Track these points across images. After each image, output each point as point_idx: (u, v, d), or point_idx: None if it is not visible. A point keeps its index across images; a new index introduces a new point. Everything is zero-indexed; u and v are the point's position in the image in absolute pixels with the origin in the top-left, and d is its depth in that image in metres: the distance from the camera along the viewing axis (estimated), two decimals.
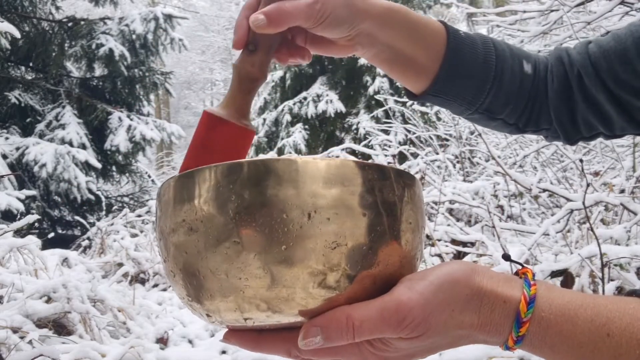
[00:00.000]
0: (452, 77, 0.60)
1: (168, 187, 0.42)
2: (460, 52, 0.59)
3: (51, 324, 2.11)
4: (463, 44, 0.59)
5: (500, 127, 0.67)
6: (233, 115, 0.52)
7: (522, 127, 0.66)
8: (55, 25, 6.68)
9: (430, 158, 4.45)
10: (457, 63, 0.59)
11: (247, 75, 0.52)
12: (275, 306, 0.39)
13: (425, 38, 0.58)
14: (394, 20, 0.56)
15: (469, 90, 0.61)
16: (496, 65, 0.61)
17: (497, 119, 0.64)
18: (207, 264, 0.39)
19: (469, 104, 0.62)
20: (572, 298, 0.40)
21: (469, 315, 0.40)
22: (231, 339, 0.43)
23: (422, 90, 0.61)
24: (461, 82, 0.60)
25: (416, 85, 0.61)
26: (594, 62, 0.61)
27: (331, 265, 0.38)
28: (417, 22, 0.57)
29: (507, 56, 0.62)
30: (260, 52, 0.52)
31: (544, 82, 0.64)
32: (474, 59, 0.60)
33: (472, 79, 0.60)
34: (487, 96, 0.61)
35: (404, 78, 0.61)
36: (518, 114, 0.65)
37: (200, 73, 22.34)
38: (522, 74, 0.63)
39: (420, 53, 0.58)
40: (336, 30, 0.53)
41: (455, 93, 0.61)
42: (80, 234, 5.84)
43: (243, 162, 0.39)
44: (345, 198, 0.39)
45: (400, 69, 0.60)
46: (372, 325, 0.38)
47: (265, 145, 10.01)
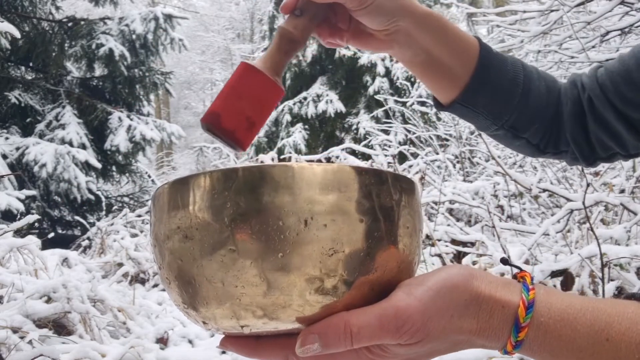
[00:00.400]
0: (481, 88, 0.62)
1: (162, 193, 0.42)
2: (491, 65, 0.62)
3: (51, 324, 2.11)
4: (494, 59, 0.63)
5: (523, 147, 0.69)
6: (267, 70, 0.53)
7: (543, 148, 0.69)
8: (55, 25, 6.68)
9: (430, 158, 4.45)
10: (487, 75, 0.62)
11: (288, 35, 0.54)
12: (272, 313, 0.39)
13: (459, 47, 0.61)
14: (433, 24, 0.58)
15: (496, 103, 0.64)
16: (524, 83, 0.64)
17: (521, 137, 0.67)
18: (202, 271, 0.39)
19: (495, 118, 0.65)
20: (571, 302, 0.40)
21: (467, 321, 0.40)
22: (228, 346, 0.43)
23: (452, 99, 0.64)
24: (490, 95, 0.63)
25: (446, 93, 0.64)
26: (601, 84, 0.64)
27: (328, 272, 0.38)
28: (454, 31, 0.60)
29: (534, 77, 0.65)
30: (304, 18, 0.55)
31: (560, 105, 0.67)
32: (503, 74, 0.63)
33: (500, 92, 0.63)
34: (513, 111, 0.64)
35: (435, 84, 0.64)
36: (541, 135, 0.67)
37: (200, 73, 22.33)
38: (547, 96, 0.66)
39: (454, 61, 0.61)
40: (377, 20, 0.56)
41: (483, 105, 0.64)
42: (80, 234, 5.84)
43: (238, 168, 0.38)
44: (342, 204, 0.38)
45: (432, 75, 0.62)
46: (370, 332, 0.38)
47: (265, 145, 10.00)
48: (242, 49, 20.18)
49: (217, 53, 22.12)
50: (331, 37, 0.61)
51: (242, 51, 19.84)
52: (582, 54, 2.77)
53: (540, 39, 3.14)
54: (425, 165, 4.20)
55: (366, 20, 0.57)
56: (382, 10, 0.56)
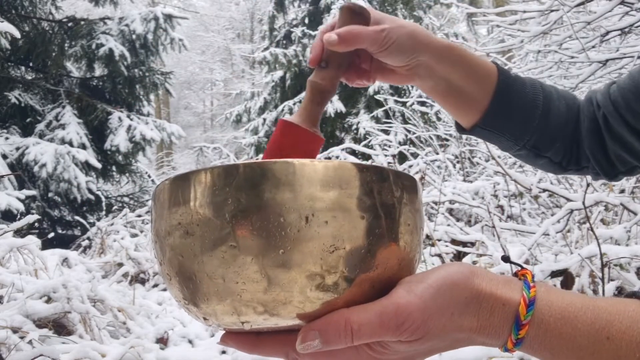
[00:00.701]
0: (501, 111, 0.65)
1: (163, 189, 0.42)
2: (510, 89, 0.65)
3: (51, 324, 2.11)
4: (513, 82, 0.65)
5: (546, 165, 0.71)
6: (304, 123, 0.56)
7: (566, 165, 0.70)
8: (55, 25, 6.68)
9: (430, 158, 4.45)
10: (506, 99, 0.64)
11: (318, 87, 0.57)
12: (273, 310, 0.39)
13: (478, 74, 0.63)
14: (451, 55, 0.61)
15: (517, 125, 0.66)
16: (543, 104, 0.66)
17: (543, 156, 0.69)
18: (203, 267, 0.39)
19: (517, 139, 0.67)
20: (572, 300, 0.40)
21: (468, 318, 0.40)
22: (228, 342, 0.43)
23: (473, 123, 0.66)
24: (510, 117, 0.66)
25: (467, 118, 0.67)
26: (613, 100, 0.66)
27: (329, 269, 0.38)
28: (472, 59, 0.63)
29: (553, 97, 0.67)
30: (330, 68, 0.58)
31: (579, 123, 0.69)
32: (522, 96, 0.65)
33: (520, 115, 0.66)
34: (534, 132, 0.66)
35: (456, 110, 0.67)
36: (563, 153, 0.69)
37: (200, 73, 22.33)
38: (567, 115, 0.68)
39: (474, 88, 0.64)
40: (398, 58, 0.59)
41: (504, 127, 0.66)
42: (80, 234, 5.84)
43: (239, 164, 0.38)
44: (343, 201, 0.38)
45: (454, 102, 0.65)
46: (371, 329, 0.38)
47: (265, 146, 9.99)
48: (242, 49, 20.17)
49: (217, 53, 22.11)
50: (358, 79, 0.64)
51: (242, 51, 19.84)
52: (582, 54, 2.77)
53: (540, 39, 3.14)
54: (425, 165, 4.20)
55: (388, 59, 0.60)
56: (402, 49, 0.59)
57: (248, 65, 19.59)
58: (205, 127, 22.13)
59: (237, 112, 11.16)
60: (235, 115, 11.15)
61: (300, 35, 9.99)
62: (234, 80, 21.21)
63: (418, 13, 10.32)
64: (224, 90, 21.60)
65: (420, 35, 0.59)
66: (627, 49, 2.71)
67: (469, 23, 13.51)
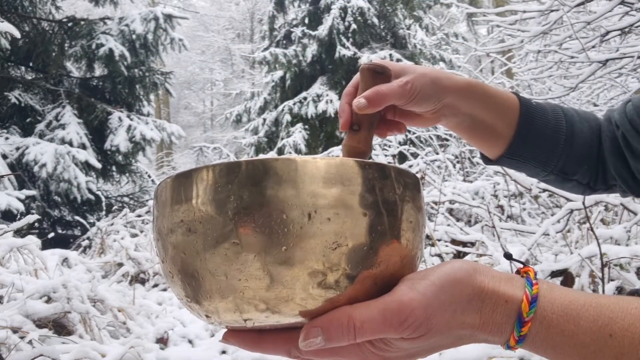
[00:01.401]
0: (525, 141, 0.66)
1: (165, 186, 0.42)
2: (532, 118, 0.66)
3: (51, 324, 2.11)
4: (534, 111, 0.67)
5: (574, 188, 0.72)
6: None
7: (593, 185, 0.71)
8: (55, 25, 6.68)
9: (430, 158, 4.45)
10: (530, 128, 0.66)
11: (354, 151, 0.57)
12: (275, 307, 0.39)
13: (501, 107, 0.65)
14: (473, 92, 0.63)
15: (542, 152, 0.67)
16: (566, 129, 0.68)
17: (571, 179, 0.70)
18: (205, 265, 0.39)
19: (544, 165, 0.68)
20: (575, 298, 0.40)
21: (470, 315, 0.40)
22: (231, 340, 0.43)
23: (499, 155, 0.68)
24: (535, 144, 0.67)
25: (493, 150, 0.68)
26: (630, 119, 0.66)
27: (332, 266, 0.38)
28: (493, 93, 0.65)
29: (576, 121, 0.68)
30: (363, 130, 0.58)
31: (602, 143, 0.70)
32: (545, 123, 0.67)
33: (544, 142, 0.67)
34: (560, 157, 0.68)
35: (482, 144, 0.68)
36: (590, 174, 0.70)
37: (200, 73, 22.33)
38: (590, 136, 0.69)
39: (497, 121, 0.65)
40: (424, 105, 0.61)
41: (530, 155, 0.67)
42: (80, 234, 5.84)
43: (241, 162, 0.38)
44: (345, 198, 0.38)
45: (479, 136, 0.67)
46: (373, 326, 0.38)
47: (265, 145, 10.01)
48: (242, 49, 20.17)
49: (217, 53, 22.12)
50: (389, 131, 0.66)
51: (242, 51, 19.84)
52: (582, 54, 2.77)
53: (540, 39, 3.14)
54: (425, 165, 4.20)
55: (415, 108, 0.62)
56: (427, 97, 0.60)
57: (248, 65, 19.59)
58: (205, 127, 22.13)
59: (237, 112, 11.16)
60: (235, 115, 11.15)
61: (300, 35, 9.99)
62: (234, 80, 21.22)
63: (418, 13, 10.32)
64: (224, 90, 21.60)
65: (442, 80, 0.61)
66: (627, 49, 2.71)
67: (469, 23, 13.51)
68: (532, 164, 0.68)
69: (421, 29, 10.45)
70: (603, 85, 3.51)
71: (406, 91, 0.59)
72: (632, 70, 2.95)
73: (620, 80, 3.33)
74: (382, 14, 10.18)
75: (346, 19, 9.63)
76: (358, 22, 9.61)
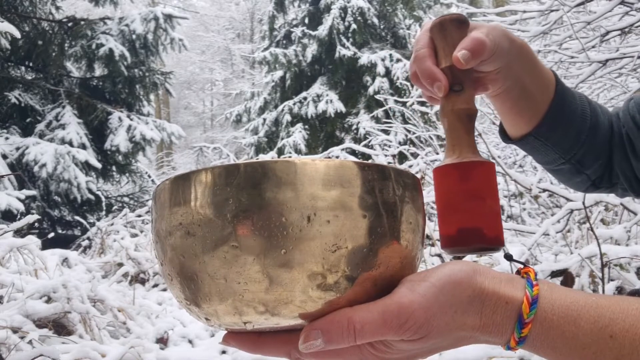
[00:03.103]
0: (556, 122, 0.64)
1: (163, 188, 0.42)
2: (564, 100, 0.63)
3: (51, 324, 2.11)
4: (566, 93, 0.64)
5: (581, 183, 0.70)
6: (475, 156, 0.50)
7: (598, 183, 0.70)
8: (55, 25, 6.68)
9: (430, 158, 4.45)
10: (561, 109, 0.63)
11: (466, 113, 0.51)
12: (275, 310, 0.38)
13: (544, 79, 0.62)
14: (528, 53, 0.59)
15: (567, 137, 0.65)
16: (591, 118, 0.65)
17: (583, 173, 0.68)
18: (204, 268, 0.39)
19: (565, 152, 0.66)
20: (575, 299, 0.40)
21: (471, 317, 0.40)
22: (230, 342, 0.43)
23: (526, 132, 0.64)
24: (562, 129, 0.64)
25: (523, 126, 0.64)
26: (632, 116, 0.66)
27: (331, 268, 0.38)
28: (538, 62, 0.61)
29: (599, 112, 0.67)
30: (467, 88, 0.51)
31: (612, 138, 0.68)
32: (573, 108, 0.64)
33: (572, 127, 0.64)
34: (582, 146, 0.65)
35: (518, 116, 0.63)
36: (601, 170, 0.68)
37: (200, 73, 22.33)
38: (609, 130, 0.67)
39: (539, 94, 0.62)
40: (499, 60, 0.55)
41: (556, 138, 0.65)
42: (80, 234, 5.84)
43: (240, 164, 0.38)
44: (345, 200, 0.38)
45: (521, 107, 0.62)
46: (373, 328, 0.38)
47: (265, 146, 10.01)
48: (242, 49, 20.18)
49: (217, 53, 22.11)
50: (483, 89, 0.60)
51: (242, 51, 19.84)
52: (582, 54, 2.77)
53: (540, 39, 3.14)
54: (425, 165, 4.20)
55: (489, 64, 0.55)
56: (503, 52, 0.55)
57: (248, 65, 19.59)
58: (205, 127, 22.13)
59: (237, 112, 11.16)
60: (235, 115, 11.16)
61: (300, 35, 9.99)
62: (234, 80, 21.22)
63: (418, 13, 10.32)
64: (224, 90, 21.60)
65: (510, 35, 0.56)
66: (627, 49, 2.71)
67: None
68: (554, 149, 0.65)
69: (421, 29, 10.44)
70: (603, 85, 3.50)
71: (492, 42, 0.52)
72: (632, 70, 2.95)
73: (620, 80, 3.33)
74: (382, 14, 10.18)
75: (346, 19, 9.63)
76: (358, 22, 9.61)
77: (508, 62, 0.56)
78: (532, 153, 0.67)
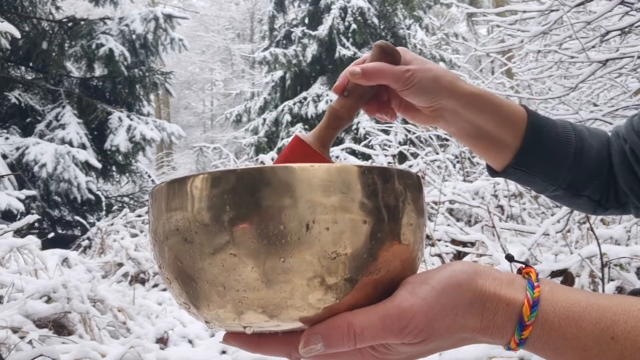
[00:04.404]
0: (534, 150, 0.65)
1: (160, 191, 0.41)
2: (541, 129, 0.65)
3: (51, 324, 2.11)
4: (543, 123, 0.65)
5: (585, 205, 0.70)
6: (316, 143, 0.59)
7: (605, 203, 0.69)
8: (55, 25, 6.68)
9: (430, 158, 4.45)
10: (538, 138, 0.64)
11: (335, 114, 0.60)
12: (275, 315, 0.38)
13: (508, 117, 0.64)
14: (478, 102, 0.62)
15: (550, 164, 0.66)
16: (575, 142, 0.66)
17: (582, 195, 0.68)
18: (203, 275, 0.38)
19: (552, 179, 0.66)
20: (577, 299, 0.40)
21: (471, 319, 0.40)
22: (231, 341, 0.43)
23: (505, 165, 0.66)
24: (543, 155, 0.65)
25: (498, 160, 0.67)
26: (637, 131, 0.66)
27: (331, 274, 0.37)
28: (501, 103, 0.64)
29: (585, 135, 0.67)
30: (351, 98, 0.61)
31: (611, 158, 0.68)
32: (553, 135, 0.65)
33: (553, 153, 0.65)
34: (569, 171, 0.66)
35: (486, 153, 0.67)
36: (602, 190, 0.68)
37: (200, 73, 22.33)
38: (601, 152, 0.67)
39: (503, 131, 0.64)
40: (420, 98, 0.61)
41: (538, 167, 0.66)
42: (80, 234, 5.84)
43: (237, 170, 0.37)
44: (345, 206, 0.37)
45: (483, 145, 0.66)
46: (374, 333, 0.38)
47: (265, 146, 10.00)
48: (242, 49, 20.17)
49: (217, 53, 22.11)
50: (378, 112, 0.66)
51: (242, 51, 19.84)
52: (582, 54, 2.77)
53: (540, 39, 3.14)
54: (425, 165, 4.20)
55: (411, 98, 0.62)
56: (425, 91, 0.61)
57: (248, 65, 19.58)
58: (205, 127, 22.13)
59: (237, 112, 11.16)
60: (235, 115, 11.16)
61: (300, 35, 9.98)
62: (234, 80, 21.21)
63: (418, 13, 10.32)
64: (224, 90, 21.60)
65: (445, 81, 0.61)
66: (627, 49, 2.70)
67: (469, 23, 13.50)
68: (540, 177, 0.66)
69: (421, 29, 10.45)
70: (603, 85, 3.50)
71: (404, 77, 0.60)
72: (632, 70, 2.94)
73: (620, 80, 3.32)
74: (382, 14, 10.18)
75: (346, 19, 9.63)
76: (358, 22, 9.61)
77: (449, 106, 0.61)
78: (521, 183, 0.69)
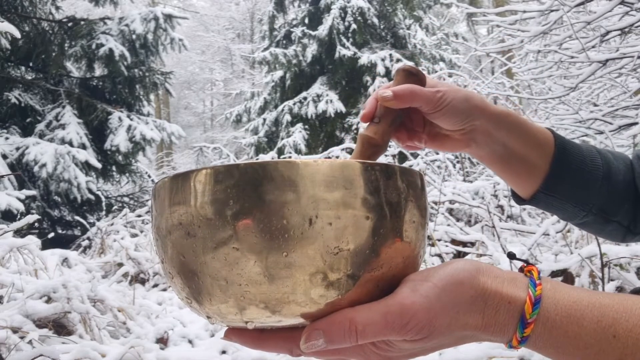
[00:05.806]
0: (563, 174, 0.63)
1: (163, 186, 0.41)
2: (568, 152, 0.63)
3: (51, 324, 2.11)
4: (570, 146, 0.63)
5: (615, 232, 0.68)
6: None
7: (634, 229, 0.67)
8: (55, 25, 6.68)
9: (430, 158, 4.45)
10: (566, 162, 0.63)
11: (369, 141, 0.57)
12: (277, 310, 0.38)
13: (536, 138, 0.62)
14: (508, 120, 0.60)
15: (580, 188, 0.64)
16: (602, 165, 0.64)
17: (612, 221, 0.66)
18: (205, 269, 0.38)
19: (583, 204, 0.64)
20: (579, 298, 0.40)
21: (473, 317, 0.40)
22: (232, 337, 0.43)
23: (534, 190, 0.64)
24: (573, 180, 0.63)
25: (527, 185, 0.64)
26: None
27: (333, 270, 0.37)
28: (528, 125, 0.62)
29: (610, 158, 0.65)
30: (383, 123, 0.58)
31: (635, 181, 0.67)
32: (581, 159, 0.63)
33: (583, 177, 0.63)
34: (599, 195, 0.64)
35: (517, 178, 0.64)
36: (632, 215, 0.66)
37: (200, 73, 22.33)
38: (627, 174, 0.66)
39: (532, 152, 0.62)
40: (452, 120, 0.58)
41: (568, 192, 0.64)
42: (80, 234, 5.84)
43: (240, 164, 0.38)
44: (347, 201, 0.37)
45: (513, 169, 0.63)
46: (375, 329, 0.38)
47: (265, 146, 10.01)
48: (242, 49, 20.18)
49: (217, 53, 22.11)
50: (410, 140, 0.64)
51: (242, 51, 19.85)
52: (582, 54, 2.77)
53: (540, 39, 3.14)
54: (425, 165, 4.20)
55: (442, 121, 0.59)
56: (457, 111, 0.58)
57: (248, 65, 19.59)
58: (205, 127, 22.13)
59: (237, 112, 11.16)
60: (235, 115, 11.16)
61: (300, 35, 9.99)
62: (234, 80, 21.22)
63: (418, 13, 10.33)
64: (224, 90, 21.60)
65: (476, 100, 0.59)
66: (627, 49, 2.71)
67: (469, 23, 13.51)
68: (570, 203, 0.64)
69: (421, 29, 10.45)
70: (603, 85, 3.50)
71: (437, 98, 0.57)
72: (632, 70, 2.95)
73: (620, 80, 3.33)
74: (382, 14, 10.18)
75: (346, 19, 9.63)
76: (358, 22, 9.61)
77: (481, 126, 0.59)
78: (550, 210, 0.66)
